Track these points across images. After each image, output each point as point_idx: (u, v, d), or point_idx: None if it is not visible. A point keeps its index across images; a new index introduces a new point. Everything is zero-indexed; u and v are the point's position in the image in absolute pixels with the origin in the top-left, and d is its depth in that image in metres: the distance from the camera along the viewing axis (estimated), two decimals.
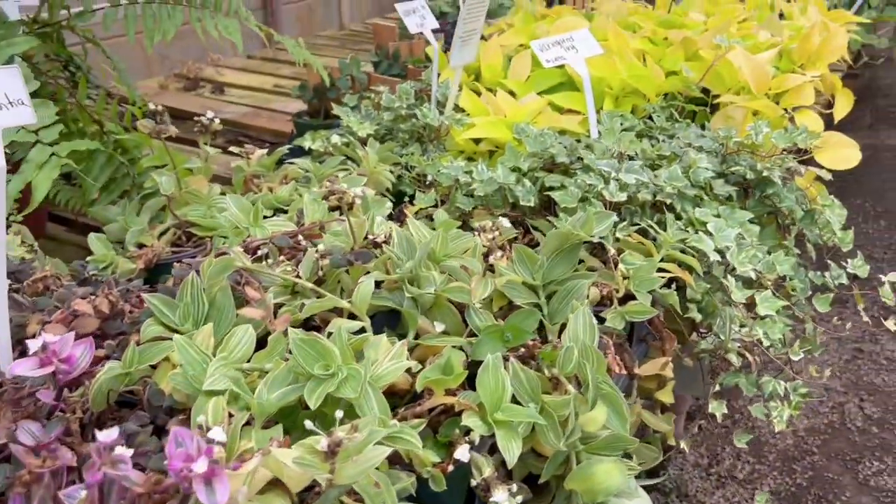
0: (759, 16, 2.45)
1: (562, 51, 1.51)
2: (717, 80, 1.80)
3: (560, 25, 2.01)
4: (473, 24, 1.61)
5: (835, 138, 1.77)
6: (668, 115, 1.66)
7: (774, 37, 2.11)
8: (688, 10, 2.50)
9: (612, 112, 1.62)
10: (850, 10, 3.15)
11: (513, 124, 1.54)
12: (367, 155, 1.46)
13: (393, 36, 2.67)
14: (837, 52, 2.04)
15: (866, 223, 4.31)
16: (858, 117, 6.01)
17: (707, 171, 1.33)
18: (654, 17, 2.23)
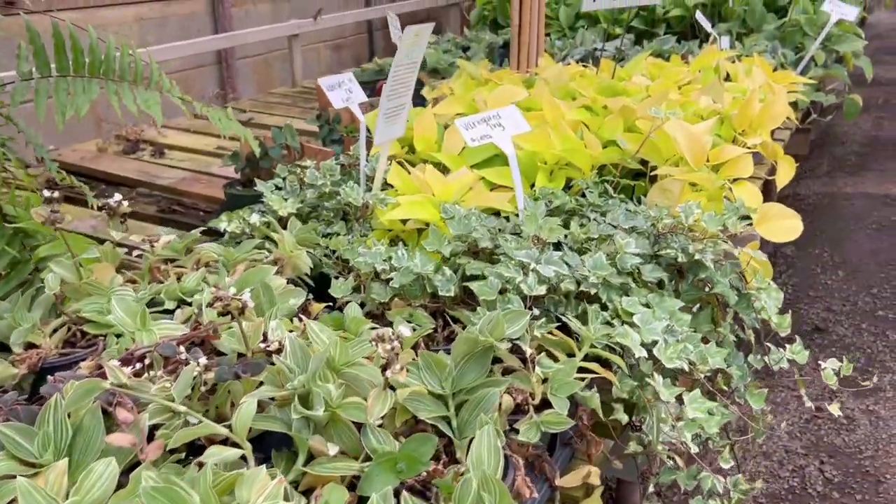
0: (704, 78, 2.45)
1: (488, 129, 1.46)
2: (654, 152, 1.76)
3: (498, 95, 1.97)
4: (399, 99, 1.55)
5: (775, 209, 1.74)
6: (601, 190, 1.61)
7: (716, 103, 2.09)
8: (632, 73, 2.48)
9: (545, 189, 1.56)
10: (796, 68, 3.18)
11: (440, 203, 1.48)
12: (283, 238, 1.38)
13: None
14: (779, 117, 2.03)
15: (824, 273, 4.31)
16: (815, 166, 6.09)
17: (634, 258, 1.27)
18: (594, 82, 2.21)
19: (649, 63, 2.55)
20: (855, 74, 4.44)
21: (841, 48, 3.29)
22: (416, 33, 1.49)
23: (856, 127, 6.84)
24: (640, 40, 3.76)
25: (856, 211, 5.21)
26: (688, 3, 3.71)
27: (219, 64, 4.71)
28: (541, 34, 2.50)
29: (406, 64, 1.52)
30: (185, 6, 4.41)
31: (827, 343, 3.72)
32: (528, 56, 2.47)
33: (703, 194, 1.70)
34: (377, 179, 1.58)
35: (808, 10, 3.44)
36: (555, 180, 1.69)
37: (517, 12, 2.45)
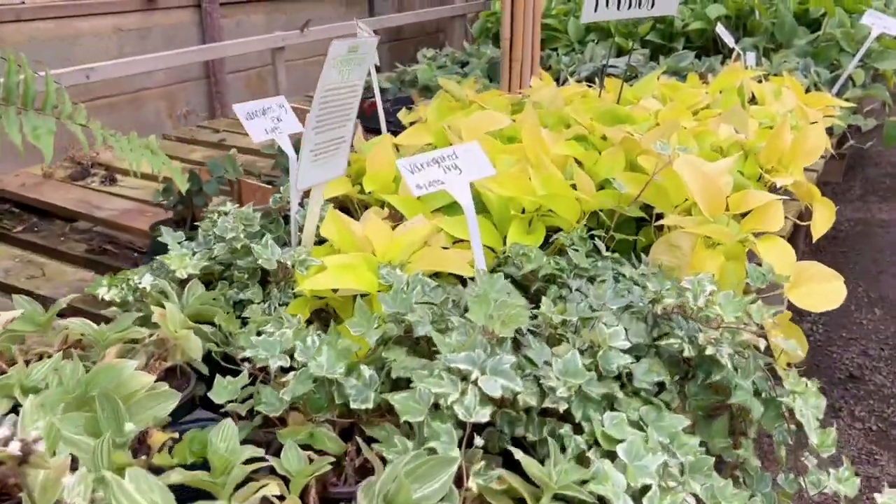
0: (725, 101, 2.10)
1: (439, 172, 1.13)
2: (660, 196, 1.42)
3: (474, 123, 1.64)
4: (334, 131, 1.23)
5: (812, 270, 1.39)
6: (589, 247, 1.27)
7: (739, 133, 1.75)
8: (641, 96, 2.14)
9: (518, 246, 1.23)
10: (831, 88, 2.81)
11: (379, 265, 1.15)
12: (166, 314, 1.06)
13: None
14: (814, 152, 1.67)
15: (859, 311, 3.91)
16: (847, 188, 5.68)
17: (623, 356, 0.93)
18: (594, 106, 1.87)
19: (662, 83, 2.21)
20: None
21: (882, 65, 2.92)
22: (353, 48, 1.16)
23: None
24: (656, 55, 3.41)
25: (892, 240, 4.79)
26: (709, 14, 3.36)
27: (206, 78, 4.44)
28: (536, 49, 2.17)
29: (342, 87, 1.20)
30: (169, 16, 4.14)
31: (863, 394, 3.32)
32: (522, 75, 2.15)
33: (720, 251, 1.35)
34: (307, 231, 1.26)
35: (844, 24, 3.07)
36: (533, 232, 1.35)
37: (508, 25, 2.12)
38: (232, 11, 4.54)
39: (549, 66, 3.32)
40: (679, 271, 1.35)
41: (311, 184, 1.21)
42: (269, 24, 4.77)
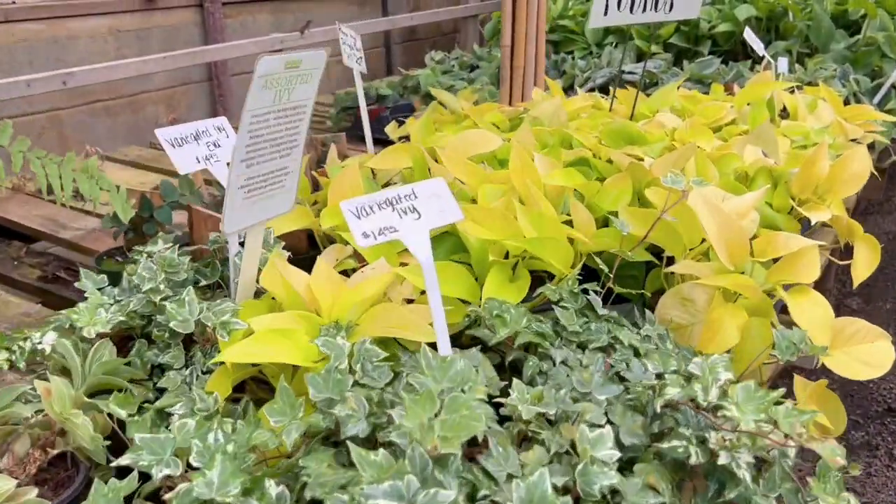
0: (753, 115, 1.86)
1: (393, 216, 0.92)
2: (670, 237, 1.19)
3: (459, 144, 1.43)
4: (275, 162, 1.02)
5: (853, 328, 1.15)
6: (581, 304, 1.05)
7: (767, 156, 1.51)
8: (657, 109, 1.91)
9: (494, 302, 1.01)
10: (872, 99, 2.55)
11: (321, 328, 0.94)
12: (51, 391, 0.86)
13: None
14: (856, 180, 1.43)
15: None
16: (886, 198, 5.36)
17: (608, 474, 0.71)
18: (601, 123, 1.65)
19: (682, 95, 1.97)
20: None
21: None
22: (292, 63, 0.95)
23: None
24: (680, 59, 3.16)
25: None
26: (738, 16, 3.11)
27: (209, 81, 4.26)
28: (540, 55, 1.94)
29: (282, 110, 0.99)
30: (170, 16, 3.97)
31: None
32: (524, 84, 1.92)
33: (742, 306, 1.12)
34: (244, 282, 1.05)
35: (887, 27, 2.80)
36: (518, 280, 1.13)
37: (509, 28, 1.90)
38: (236, 11, 4.37)
39: (563, 72, 3.09)
40: (692, 331, 1.13)
41: (242, 226, 1.00)
42: (275, 24, 4.59)
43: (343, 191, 1.28)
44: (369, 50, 5.45)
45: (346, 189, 1.28)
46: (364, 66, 1.92)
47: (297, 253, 1.41)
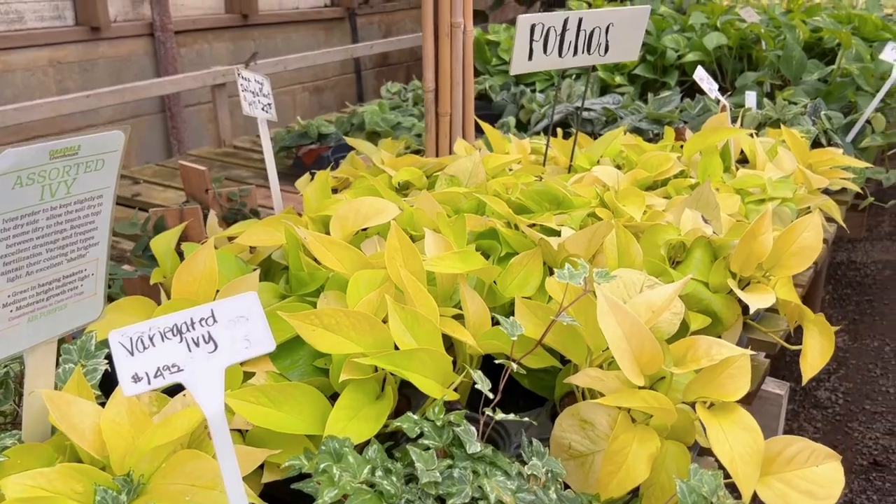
0: (704, 167, 1.66)
1: (180, 350, 0.71)
2: (571, 340, 0.99)
3: (345, 217, 1.23)
4: (62, 268, 0.82)
5: (795, 448, 0.95)
6: (448, 439, 0.84)
7: (707, 223, 1.31)
8: (597, 159, 1.71)
9: (334, 442, 0.80)
10: (846, 135, 2.36)
11: (98, 490, 0.74)
12: None
13: (203, 182, 1.91)
14: (807, 254, 1.23)
15: (885, 377, 3.41)
16: (875, 224, 5.17)
17: None
18: (523, 182, 1.44)
19: (626, 143, 1.77)
20: None
21: None
22: (61, 151, 0.75)
23: None
24: (646, 92, 2.97)
25: None
26: (707, 45, 2.92)
27: (162, 112, 4.08)
28: (468, 102, 1.75)
29: (58, 206, 0.79)
30: (117, 47, 3.79)
31: (890, 486, 2.83)
32: (451, 133, 1.73)
33: (655, 427, 0.92)
34: (27, 418, 0.85)
35: (862, 58, 2.61)
36: (381, 402, 0.92)
37: (432, 71, 1.71)
38: (191, 40, 4.18)
39: (521, 106, 2.90)
40: (593, 462, 0.92)
41: (11, 352, 0.80)
42: (234, 52, 4.40)
43: (194, 279, 1.08)
44: (338, 77, 5.28)
45: (197, 276, 1.08)
46: (273, 114, 1.72)
47: None
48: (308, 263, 1.15)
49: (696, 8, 3.65)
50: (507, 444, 1.01)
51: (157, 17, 3.88)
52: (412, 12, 5.91)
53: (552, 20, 1.46)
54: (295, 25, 4.79)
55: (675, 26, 3.18)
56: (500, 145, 1.81)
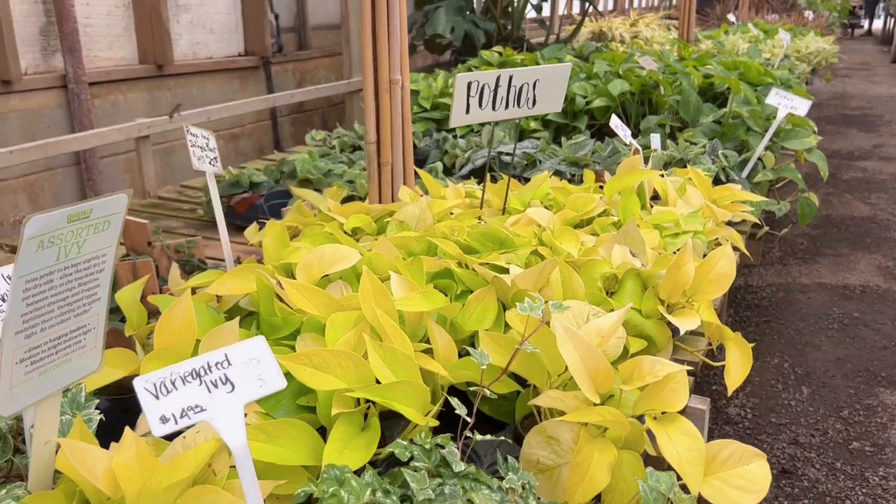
0: (624, 206, 1.84)
1: (200, 392, 0.78)
2: (532, 366, 1.11)
3: (310, 264, 1.31)
4: (70, 323, 0.88)
5: (727, 451, 1.09)
6: (436, 461, 0.94)
7: (635, 257, 1.47)
8: (528, 201, 1.86)
9: (333, 470, 0.88)
10: (742, 171, 2.62)
11: None
12: None
13: (145, 235, 1.94)
14: (723, 281, 1.40)
15: (787, 391, 3.70)
16: (767, 250, 5.59)
17: None
18: (469, 226, 1.57)
19: (553, 186, 1.94)
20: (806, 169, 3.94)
21: (791, 145, 2.75)
22: (77, 215, 0.82)
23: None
24: (559, 136, 3.19)
25: (814, 306, 4.68)
26: (612, 91, 3.17)
27: (77, 164, 4.01)
28: (408, 151, 1.87)
29: (70, 266, 0.85)
30: (29, 100, 3.73)
31: (798, 492, 3.07)
32: (393, 182, 1.84)
33: (612, 439, 1.04)
34: (35, 468, 0.89)
35: (750, 101, 2.91)
36: (367, 431, 1.01)
37: (373, 125, 1.82)
38: (105, 91, 4.15)
39: (445, 151, 3.05)
40: (560, 473, 1.04)
41: (25, 404, 0.84)
42: (150, 103, 4.38)
43: (173, 330, 1.13)
44: (254, 124, 5.32)
45: (177, 328, 1.14)
46: (219, 167, 1.79)
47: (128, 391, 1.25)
48: (281, 308, 1.23)
49: (599, 56, 3.93)
50: (480, 465, 1.11)
51: (71, 68, 3.84)
52: (324, 60, 6.04)
53: (486, 78, 1.61)
54: (210, 75, 4.82)
55: (582, 74, 3.43)
56: (436, 190, 1.94)
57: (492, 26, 4.18)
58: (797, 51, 5.50)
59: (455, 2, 4.13)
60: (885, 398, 3.67)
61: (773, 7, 8.54)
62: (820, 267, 5.27)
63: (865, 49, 20.07)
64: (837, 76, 14.41)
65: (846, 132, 9.19)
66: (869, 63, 16.77)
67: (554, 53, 3.91)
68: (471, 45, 4.24)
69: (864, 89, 12.88)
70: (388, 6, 1.74)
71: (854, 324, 4.44)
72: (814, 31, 6.52)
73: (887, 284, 4.90)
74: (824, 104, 11.26)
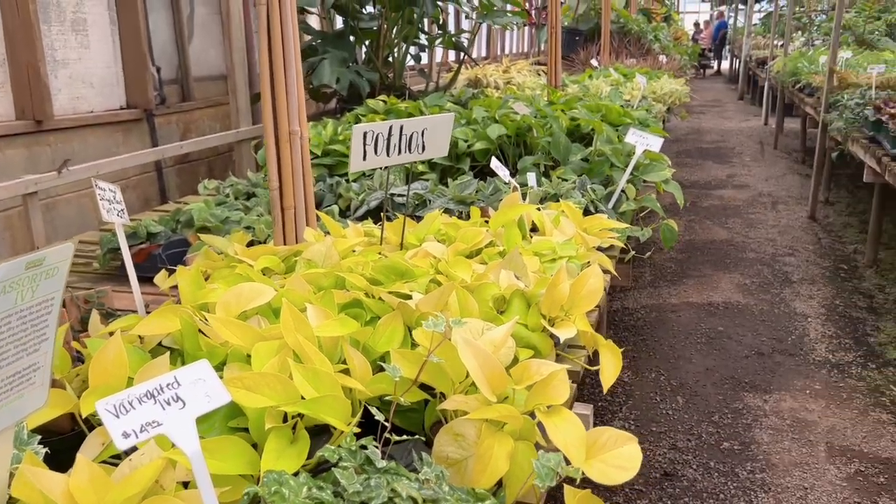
0: (507, 237, 2.06)
1: (156, 409, 0.90)
2: (440, 376, 1.28)
3: (230, 301, 1.44)
4: (21, 362, 0.97)
5: (605, 437, 1.30)
6: (361, 460, 1.09)
7: (519, 279, 1.68)
8: (423, 237, 2.05)
9: (273, 474, 1.01)
10: (608, 202, 2.93)
11: None
12: None
13: None
14: (592, 296, 1.64)
15: (664, 402, 4.04)
16: (639, 275, 6.05)
17: None
18: (372, 260, 1.74)
19: (444, 222, 2.14)
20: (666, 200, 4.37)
21: (650, 178, 3.10)
22: (33, 263, 0.93)
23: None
24: (445, 177, 3.42)
25: (683, 323, 5.12)
26: (490, 135, 3.45)
27: None
28: (309, 195, 2.02)
29: (25, 309, 0.95)
30: None
31: (679, 491, 3.38)
32: (297, 225, 1.98)
33: (508, 433, 1.23)
34: None
35: (612, 140, 3.25)
36: (297, 443, 1.14)
37: (275, 172, 1.96)
38: None
39: (339, 195, 3.21)
40: (467, 465, 1.21)
41: None
42: (31, 158, 4.29)
43: (106, 368, 1.23)
44: (139, 176, 5.27)
45: (109, 366, 1.23)
46: (126, 218, 1.87)
47: (62, 431, 1.32)
48: (206, 342, 1.34)
49: (476, 102, 4.23)
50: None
51: None
52: (208, 111, 6.07)
53: (380, 128, 1.80)
54: (92, 129, 4.77)
55: (463, 120, 3.69)
56: (337, 230, 2.09)
57: (375, 76, 4.41)
58: (653, 92, 6.07)
59: (338, 53, 4.34)
60: (748, 401, 4.08)
61: (631, 52, 9.31)
62: (687, 287, 5.76)
63: (716, 87, 21.93)
64: (693, 113, 15.70)
65: (703, 164, 10.06)
66: (720, 100, 18.35)
67: (435, 101, 4.18)
68: (356, 93, 4.44)
69: (717, 124, 14.11)
70: (285, 62, 1.90)
71: (719, 337, 4.90)
72: (667, 74, 7.19)
73: (745, 300, 5.43)
74: (683, 139, 12.25)
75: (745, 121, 14.45)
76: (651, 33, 10.31)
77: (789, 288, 5.63)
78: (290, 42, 1.88)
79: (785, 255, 6.35)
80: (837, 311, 5.15)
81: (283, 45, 1.88)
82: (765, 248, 6.54)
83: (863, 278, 5.72)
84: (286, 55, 1.89)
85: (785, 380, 4.22)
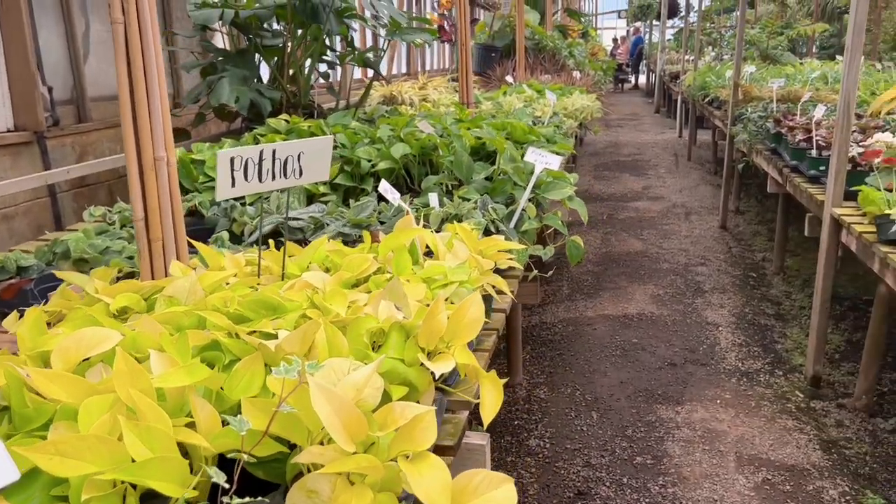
0: (397, 264, 1.97)
1: None
2: (293, 426, 1.17)
3: (69, 349, 1.29)
4: None
5: (476, 480, 1.21)
6: None
7: (399, 310, 1.59)
8: (306, 265, 1.94)
9: None
10: (510, 221, 2.88)
11: None
12: None
13: None
14: (472, 326, 1.56)
15: (579, 418, 4.02)
16: (556, 289, 6.06)
17: None
18: (241, 295, 1.61)
19: (330, 249, 2.03)
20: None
21: (551, 195, 3.07)
22: None
23: (587, 244, 7.05)
24: (348, 198, 3.31)
25: (599, 336, 5.13)
26: (394, 154, 3.36)
27: None
28: (179, 227, 1.88)
29: None
30: None
31: None
32: (165, 258, 1.84)
33: (368, 485, 1.13)
34: None
35: (515, 159, 3.21)
36: None
37: (140, 201, 1.82)
38: None
39: (234, 219, 3.06)
40: None
41: None
42: None
43: None
44: (30, 202, 4.96)
45: None
46: None
47: None
48: (33, 399, 1.20)
49: (384, 121, 4.15)
50: None
51: None
52: (107, 132, 5.79)
53: (249, 153, 1.68)
54: None
55: (366, 139, 3.60)
56: (215, 261, 1.96)
57: (277, 95, 4.27)
58: (564, 108, 6.11)
59: (238, 72, 4.19)
60: (661, 413, 4.10)
61: (546, 68, 9.42)
62: (603, 300, 5.80)
63: (634, 101, 22.54)
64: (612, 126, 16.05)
65: (621, 176, 10.25)
66: (637, 114, 18.85)
67: (339, 120, 4.07)
68: (259, 112, 4.30)
69: (634, 137, 14.45)
70: (148, 85, 1.77)
71: (633, 349, 4.93)
72: (579, 90, 7.28)
73: (659, 311, 5.49)
74: (601, 152, 12.49)
75: (661, 133, 14.87)
76: (566, 49, 10.47)
77: (701, 297, 5.73)
78: (151, 62, 1.75)
79: (697, 264, 6.48)
80: (747, 318, 5.26)
81: (143, 65, 1.74)
82: (678, 258, 6.67)
83: (771, 285, 5.88)
84: (148, 76, 1.75)
85: (696, 390, 4.27)
